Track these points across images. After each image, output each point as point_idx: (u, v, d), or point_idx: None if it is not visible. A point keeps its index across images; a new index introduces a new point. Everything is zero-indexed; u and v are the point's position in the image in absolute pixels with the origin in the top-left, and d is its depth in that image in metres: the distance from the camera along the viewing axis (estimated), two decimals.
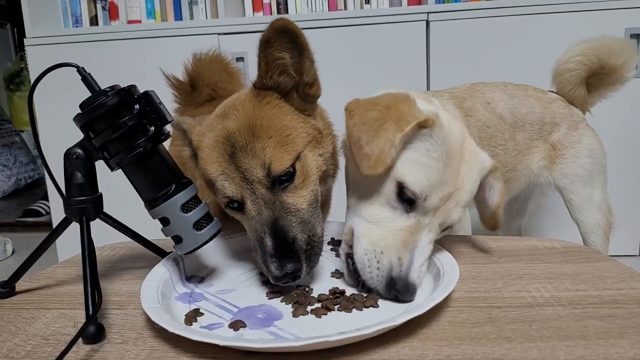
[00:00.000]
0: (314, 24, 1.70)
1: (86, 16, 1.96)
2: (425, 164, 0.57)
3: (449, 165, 0.58)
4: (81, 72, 0.56)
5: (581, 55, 1.07)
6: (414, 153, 0.58)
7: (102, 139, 0.55)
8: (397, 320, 0.46)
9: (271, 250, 0.57)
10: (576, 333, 0.48)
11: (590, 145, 1.10)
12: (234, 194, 0.59)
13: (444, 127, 0.59)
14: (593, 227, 1.11)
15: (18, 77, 3.72)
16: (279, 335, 0.50)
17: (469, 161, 0.61)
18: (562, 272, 0.63)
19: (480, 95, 1.04)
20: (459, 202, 0.60)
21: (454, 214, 0.60)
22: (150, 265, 0.64)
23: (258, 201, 0.59)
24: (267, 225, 0.58)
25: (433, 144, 0.58)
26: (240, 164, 0.58)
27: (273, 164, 0.58)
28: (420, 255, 0.57)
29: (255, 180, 0.58)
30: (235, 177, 0.59)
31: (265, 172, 0.58)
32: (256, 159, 0.58)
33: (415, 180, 0.57)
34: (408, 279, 0.55)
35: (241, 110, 0.61)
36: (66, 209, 0.58)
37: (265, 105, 0.61)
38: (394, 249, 0.57)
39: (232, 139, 0.59)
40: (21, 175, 3.28)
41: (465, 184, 0.60)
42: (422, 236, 0.58)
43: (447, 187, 0.58)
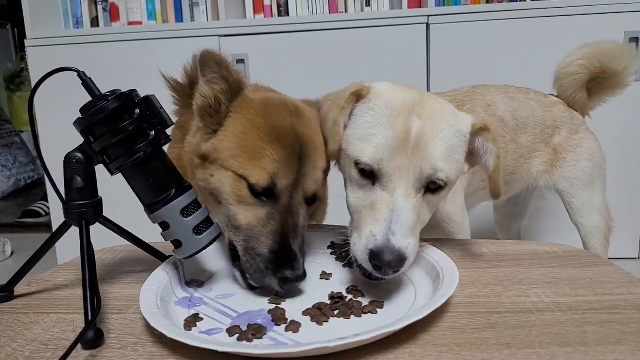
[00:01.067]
0: (314, 27, 1.70)
1: (87, 17, 1.96)
2: (369, 134, 0.61)
3: (394, 125, 0.60)
4: (82, 77, 0.56)
5: (584, 59, 1.07)
6: (358, 130, 0.63)
7: (102, 144, 0.55)
8: (397, 326, 0.46)
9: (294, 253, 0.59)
10: (575, 339, 0.48)
11: (591, 149, 1.11)
12: (281, 185, 0.60)
13: (382, 95, 0.63)
14: (593, 231, 1.12)
15: (18, 78, 3.72)
16: (278, 340, 0.50)
17: (427, 117, 0.61)
18: (562, 277, 0.63)
19: (480, 98, 1.04)
20: (424, 155, 0.59)
21: (426, 167, 0.59)
22: (149, 269, 0.64)
23: (291, 205, 0.61)
24: (294, 229, 0.60)
25: (372, 114, 0.62)
26: (303, 169, 0.62)
27: (321, 184, 0.65)
28: (403, 220, 0.56)
29: (302, 189, 0.62)
30: (292, 175, 0.61)
31: (315, 188, 0.64)
32: (315, 173, 0.63)
33: (363, 152, 0.61)
34: (388, 244, 0.54)
35: (308, 118, 0.66)
36: (66, 213, 0.58)
37: (316, 121, 0.68)
38: (367, 225, 0.58)
39: (301, 141, 0.62)
40: (21, 175, 3.28)
41: (425, 138, 0.59)
42: (397, 203, 0.57)
43: (396, 143, 0.59)
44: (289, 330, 0.52)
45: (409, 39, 1.67)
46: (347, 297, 0.58)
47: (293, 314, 0.55)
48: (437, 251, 0.64)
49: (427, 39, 1.67)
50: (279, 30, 1.70)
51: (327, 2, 1.86)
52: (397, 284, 0.62)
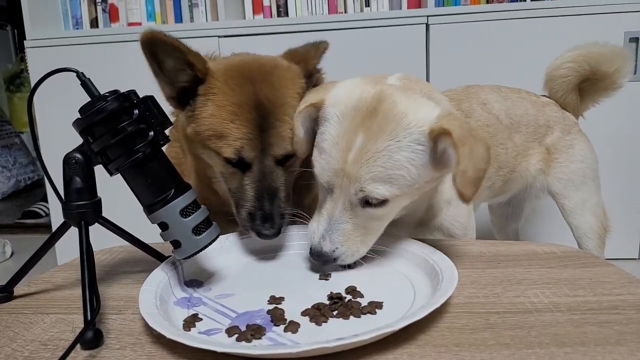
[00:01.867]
0: (314, 27, 1.70)
1: (86, 18, 1.96)
2: (320, 147, 0.65)
3: (338, 144, 0.62)
4: (80, 77, 0.56)
5: (573, 62, 1.07)
6: (318, 139, 0.66)
7: (101, 144, 0.55)
8: (396, 326, 0.46)
9: (267, 214, 0.67)
10: (575, 339, 0.48)
11: (582, 150, 1.11)
12: (249, 157, 0.67)
13: (336, 104, 0.64)
14: (587, 232, 1.12)
15: (18, 79, 3.73)
16: (277, 341, 0.50)
17: (375, 131, 0.59)
18: (561, 277, 0.63)
19: (475, 96, 1.04)
20: (354, 177, 0.60)
21: (353, 189, 0.61)
22: (148, 269, 0.64)
23: (264, 170, 0.68)
24: (267, 192, 0.68)
25: (328, 127, 0.64)
26: (268, 138, 0.67)
27: (289, 146, 0.68)
28: (335, 229, 0.64)
29: (272, 155, 0.68)
30: (257, 146, 0.67)
31: (285, 152, 0.68)
32: (282, 141, 0.68)
33: (317, 166, 0.66)
34: (317, 247, 0.64)
35: (275, 84, 0.69)
36: (65, 214, 0.58)
37: (289, 82, 0.71)
38: (314, 222, 0.66)
39: (262, 111, 0.67)
40: (21, 176, 3.28)
41: (361, 158, 0.59)
42: (336, 211, 0.64)
43: (336, 163, 0.62)
44: (288, 330, 0.51)
45: (409, 40, 1.67)
46: (346, 298, 0.58)
47: (292, 315, 0.55)
48: (437, 252, 0.64)
49: (426, 39, 1.67)
50: (279, 31, 1.70)
51: (327, 2, 1.86)
52: (396, 284, 0.62)
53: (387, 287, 0.62)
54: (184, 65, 0.67)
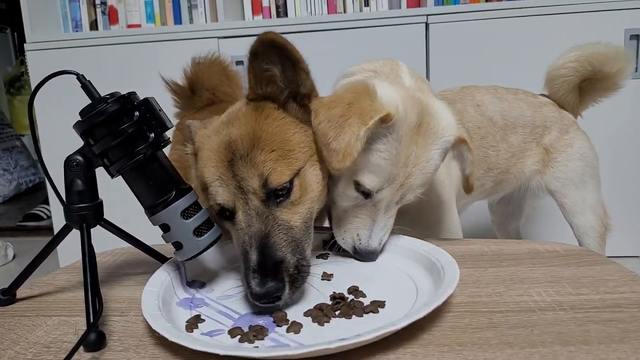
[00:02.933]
0: (313, 27, 1.70)
1: (86, 21, 1.97)
2: (376, 164, 0.65)
3: (399, 161, 0.65)
4: (81, 80, 0.56)
5: (575, 62, 1.07)
6: (368, 154, 0.65)
7: (102, 146, 0.55)
8: (398, 325, 0.46)
9: (255, 265, 0.55)
10: (578, 338, 0.47)
11: (582, 149, 1.11)
12: (226, 201, 0.59)
13: (399, 121, 0.64)
14: (587, 230, 1.11)
15: (18, 82, 3.73)
16: (279, 341, 0.50)
17: (422, 144, 0.66)
18: (564, 275, 0.62)
19: (470, 98, 1.04)
20: (411, 186, 0.68)
21: (409, 195, 0.69)
22: (150, 271, 0.64)
23: (250, 212, 0.58)
24: (256, 239, 0.56)
25: (386, 143, 0.64)
26: (238, 171, 0.58)
27: (271, 176, 0.57)
28: (379, 229, 0.69)
29: (250, 191, 0.58)
30: (230, 184, 0.59)
31: (261, 183, 0.57)
32: (254, 169, 0.58)
33: (367, 179, 0.66)
34: (368, 247, 0.69)
35: (243, 120, 0.61)
36: (67, 216, 0.58)
37: (267, 118, 0.61)
38: (354, 229, 0.70)
39: (233, 146, 0.59)
40: (22, 179, 3.29)
41: (416, 169, 0.67)
42: (379, 216, 0.69)
43: (397, 179, 0.66)
44: (290, 331, 0.51)
45: (408, 39, 1.67)
46: (348, 298, 0.58)
47: (294, 315, 0.55)
48: (439, 250, 0.64)
49: (426, 38, 1.67)
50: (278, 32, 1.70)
51: (326, 2, 1.86)
52: (398, 282, 0.62)
53: (389, 286, 0.62)
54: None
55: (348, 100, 0.63)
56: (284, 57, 0.60)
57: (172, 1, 1.93)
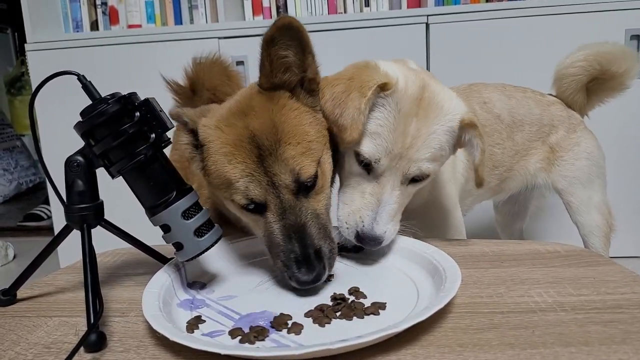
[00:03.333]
0: (313, 27, 1.70)
1: (87, 21, 1.97)
2: (374, 132, 0.65)
3: (396, 129, 0.65)
4: (82, 80, 0.56)
5: (584, 61, 1.06)
6: (367, 122, 0.65)
7: (103, 147, 0.55)
8: (399, 327, 0.46)
9: (299, 256, 0.58)
10: (579, 339, 0.47)
11: (589, 148, 1.11)
12: (258, 196, 0.60)
13: (398, 91, 0.65)
14: (593, 229, 1.11)
15: (19, 82, 3.73)
16: (280, 342, 0.50)
17: (423, 117, 0.66)
18: (565, 276, 0.62)
19: (477, 95, 1.04)
20: (413, 158, 0.66)
21: (412, 169, 0.67)
22: (151, 271, 0.64)
23: (283, 206, 0.60)
24: (294, 231, 0.59)
25: (383, 112, 0.65)
26: (270, 168, 0.59)
27: (302, 170, 0.60)
28: (385, 213, 0.66)
29: (282, 185, 0.60)
30: (262, 180, 0.59)
31: (293, 178, 0.60)
32: (285, 165, 0.59)
33: (365, 147, 0.66)
34: (371, 231, 0.66)
35: (260, 111, 0.61)
36: (67, 217, 0.58)
37: (283, 108, 0.62)
38: (357, 211, 0.67)
39: (257, 141, 0.59)
40: (22, 179, 3.29)
41: (417, 141, 0.66)
42: (385, 195, 0.67)
43: (395, 148, 0.65)
44: (291, 332, 0.51)
45: (409, 39, 1.67)
46: (349, 299, 0.58)
47: (295, 316, 0.54)
48: (440, 252, 0.64)
49: (426, 38, 1.67)
50: None
51: (326, 2, 1.86)
52: (399, 284, 0.62)
53: (390, 287, 0.62)
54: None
55: (349, 75, 0.67)
56: (298, 41, 0.61)
57: (173, 1, 1.93)
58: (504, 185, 1.09)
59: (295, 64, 0.62)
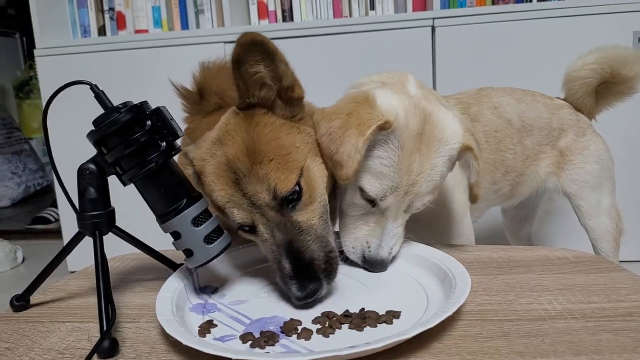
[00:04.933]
0: (319, 31, 1.71)
1: (94, 26, 1.99)
2: (378, 171, 0.66)
3: (401, 168, 0.65)
4: (94, 90, 0.57)
5: (595, 64, 1.05)
6: (369, 162, 0.66)
7: (115, 155, 0.56)
8: (408, 334, 0.46)
9: (290, 272, 0.58)
10: (590, 347, 0.47)
11: (598, 152, 1.10)
12: (244, 219, 0.61)
13: (400, 128, 0.65)
14: (602, 233, 1.11)
15: (27, 86, 3.77)
16: (290, 347, 0.50)
17: (425, 152, 0.66)
18: (575, 283, 0.62)
19: (487, 100, 1.04)
20: (417, 194, 0.67)
21: (416, 203, 0.69)
22: (161, 276, 0.65)
23: (269, 224, 0.60)
24: (283, 247, 0.59)
25: (387, 150, 0.65)
26: (246, 190, 0.59)
27: (278, 186, 0.59)
28: (389, 238, 0.69)
29: (263, 205, 0.59)
30: (242, 203, 0.60)
31: (271, 196, 0.59)
32: (261, 184, 0.59)
33: (371, 186, 0.66)
34: (377, 256, 0.68)
35: (235, 135, 0.61)
36: (79, 224, 0.59)
37: (256, 126, 0.61)
38: (363, 237, 0.69)
39: (232, 166, 0.60)
40: (30, 182, 3.32)
41: (420, 177, 0.66)
42: (388, 224, 0.69)
43: (400, 186, 0.66)
44: (301, 337, 0.52)
45: (415, 42, 1.67)
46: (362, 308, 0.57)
47: (305, 322, 0.55)
48: (450, 258, 0.64)
49: (432, 42, 1.67)
50: (284, 36, 1.71)
51: (332, 6, 1.87)
52: (409, 291, 0.62)
53: (399, 293, 0.62)
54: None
55: (347, 110, 0.64)
56: (266, 53, 0.59)
57: (179, 6, 1.94)
58: (516, 190, 1.09)
59: (269, 77, 0.61)
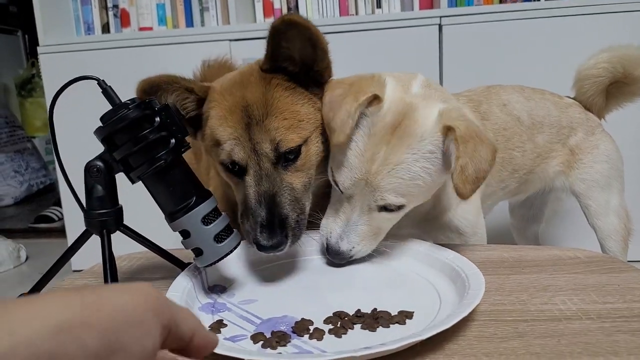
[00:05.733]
0: (325, 30, 1.67)
1: (98, 24, 1.98)
2: (344, 155, 0.65)
3: (364, 155, 0.64)
4: (102, 85, 0.56)
5: (608, 63, 1.04)
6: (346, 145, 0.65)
7: (123, 152, 0.55)
8: (423, 335, 0.46)
9: (263, 221, 0.62)
10: (607, 349, 0.47)
11: (607, 151, 1.09)
12: (241, 159, 0.64)
13: (375, 116, 0.64)
14: (611, 233, 1.09)
15: (29, 84, 3.76)
16: (302, 348, 0.50)
17: (395, 145, 0.63)
18: (588, 283, 0.61)
19: (496, 97, 1.03)
20: (378, 187, 0.64)
21: (377, 197, 0.64)
22: (168, 275, 0.64)
23: (260, 172, 0.64)
24: (265, 197, 0.63)
25: (357, 135, 0.64)
26: (254, 135, 0.64)
27: (282, 141, 0.64)
28: (352, 232, 0.67)
29: (263, 153, 0.64)
30: (246, 145, 0.64)
31: (273, 147, 0.63)
32: (268, 135, 0.63)
33: (337, 173, 0.66)
34: (334, 246, 0.67)
35: (258, 86, 0.65)
36: (87, 222, 0.58)
37: (277, 86, 0.66)
38: (331, 223, 0.69)
39: (249, 110, 0.64)
40: (33, 181, 3.32)
41: (383, 169, 0.63)
42: (354, 216, 0.67)
43: (359, 173, 0.64)
44: (313, 337, 0.51)
45: (421, 41, 1.66)
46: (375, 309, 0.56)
47: (316, 322, 0.54)
48: (461, 258, 0.64)
49: (439, 40, 1.66)
50: None
51: (338, 4, 1.85)
52: (421, 291, 0.62)
53: (410, 293, 0.61)
54: (185, 93, 0.68)
55: (351, 81, 0.68)
56: (305, 37, 0.63)
57: (184, 4, 1.93)
58: (523, 187, 1.08)
59: (298, 56, 0.65)
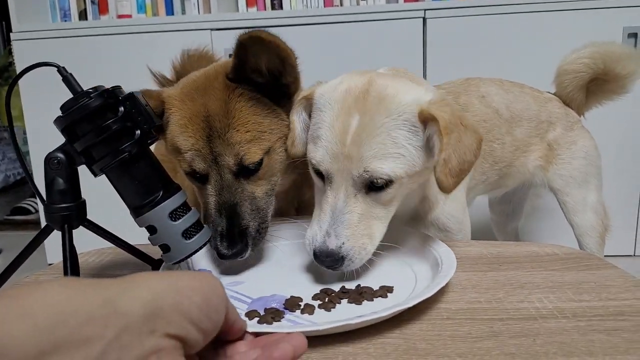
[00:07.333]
0: (309, 20, 1.67)
1: (75, 10, 1.91)
2: (316, 136, 0.62)
3: (334, 127, 0.60)
4: (62, 72, 0.53)
5: (589, 58, 1.04)
6: (311, 130, 0.64)
7: (84, 143, 0.52)
8: (410, 303, 0.49)
9: (223, 231, 0.62)
10: (582, 349, 0.46)
11: (585, 147, 1.09)
12: (201, 169, 0.64)
13: (326, 93, 0.63)
14: (587, 230, 1.10)
15: (7, 72, 3.64)
16: (296, 322, 0.51)
17: (368, 111, 0.58)
18: (564, 280, 0.61)
19: (475, 89, 1.02)
20: (358, 156, 0.58)
21: (359, 169, 0.58)
22: (138, 271, 0.61)
23: (222, 183, 0.63)
24: (225, 207, 0.63)
25: (320, 114, 0.63)
26: (215, 148, 0.62)
27: (245, 156, 0.63)
28: (340, 223, 0.59)
29: (224, 166, 0.63)
30: (207, 157, 0.63)
31: (236, 162, 0.62)
32: (231, 149, 0.62)
33: (312, 153, 0.62)
34: (322, 246, 0.58)
35: (221, 94, 0.63)
36: (47, 216, 0.55)
37: (241, 96, 0.64)
38: (315, 222, 0.61)
39: (211, 121, 0.62)
40: (9, 172, 3.22)
41: (361, 136, 0.58)
42: (339, 203, 0.59)
43: (335, 145, 0.59)
44: (305, 312, 0.53)
45: (406, 33, 1.65)
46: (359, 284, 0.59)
47: (305, 299, 0.56)
48: (433, 239, 0.66)
49: (423, 33, 1.65)
50: (273, 24, 1.66)
51: None
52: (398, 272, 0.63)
53: (387, 272, 0.63)
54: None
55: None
56: (273, 52, 0.62)
57: None
58: (503, 181, 1.07)
59: (265, 69, 0.64)
